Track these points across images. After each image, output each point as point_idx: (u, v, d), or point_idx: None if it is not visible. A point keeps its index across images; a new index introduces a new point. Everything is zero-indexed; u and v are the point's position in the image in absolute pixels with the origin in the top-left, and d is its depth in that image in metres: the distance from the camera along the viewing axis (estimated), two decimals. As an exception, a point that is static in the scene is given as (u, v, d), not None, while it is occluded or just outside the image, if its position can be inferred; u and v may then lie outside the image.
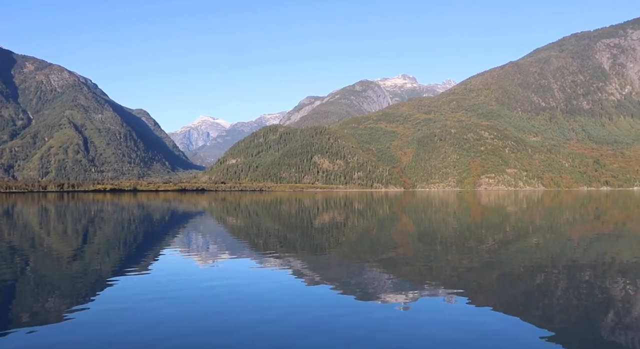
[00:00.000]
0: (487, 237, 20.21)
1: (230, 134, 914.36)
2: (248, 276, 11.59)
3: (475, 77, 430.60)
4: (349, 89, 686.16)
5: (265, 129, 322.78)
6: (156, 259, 14.20)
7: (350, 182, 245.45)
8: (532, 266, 12.55)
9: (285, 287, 10.29)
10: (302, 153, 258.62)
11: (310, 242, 19.01)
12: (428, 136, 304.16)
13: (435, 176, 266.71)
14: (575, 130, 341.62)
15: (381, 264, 13.02)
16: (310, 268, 12.74)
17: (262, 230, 24.87)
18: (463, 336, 6.99)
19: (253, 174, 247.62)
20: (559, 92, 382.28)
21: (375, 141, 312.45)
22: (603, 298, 9.05)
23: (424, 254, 15.14)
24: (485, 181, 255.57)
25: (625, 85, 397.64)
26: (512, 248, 16.47)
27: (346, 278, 11.32)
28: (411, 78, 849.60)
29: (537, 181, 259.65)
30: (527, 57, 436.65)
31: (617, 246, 17.06)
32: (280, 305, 8.71)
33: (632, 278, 10.91)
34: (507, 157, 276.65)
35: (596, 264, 12.92)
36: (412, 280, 10.87)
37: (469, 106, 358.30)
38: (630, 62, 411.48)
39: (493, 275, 11.40)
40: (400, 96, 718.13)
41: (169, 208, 49.33)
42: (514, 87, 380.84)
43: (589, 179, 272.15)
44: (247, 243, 18.55)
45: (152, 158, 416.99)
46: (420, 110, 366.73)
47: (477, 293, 9.56)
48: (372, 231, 24.17)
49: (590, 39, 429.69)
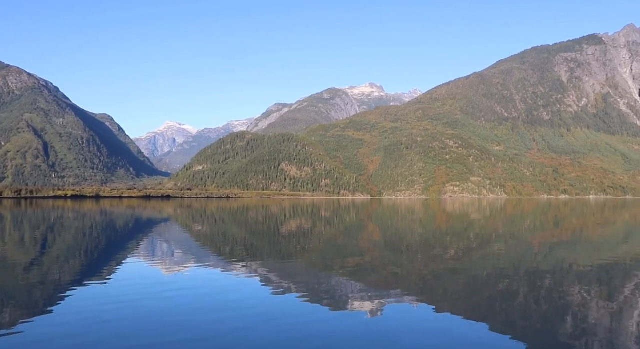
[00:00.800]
0: (452, 244, 20.55)
1: (196, 140, 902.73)
2: (214, 284, 11.43)
3: (440, 86, 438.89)
4: (317, 96, 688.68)
5: (233, 135, 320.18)
6: (119, 267, 13.86)
7: (318, 189, 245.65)
8: (495, 273, 12.83)
9: (251, 295, 10.20)
10: (270, 160, 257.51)
11: (277, 249, 18.91)
12: (395, 144, 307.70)
13: (401, 184, 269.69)
14: (536, 140, 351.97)
15: (348, 271, 13.06)
16: (277, 275, 12.67)
17: (229, 237, 24.60)
18: (429, 342, 7.07)
19: (220, 181, 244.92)
20: (521, 103, 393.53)
21: (342, 148, 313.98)
22: (562, 303, 9.32)
23: (390, 261, 15.27)
24: (450, 189, 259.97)
25: (582, 98, 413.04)
26: (476, 255, 16.79)
27: (313, 285, 11.30)
28: (378, 87, 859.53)
29: (500, 189, 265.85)
30: (490, 69, 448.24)
31: (574, 253, 17.62)
32: (246, 313, 8.62)
33: (588, 283, 11.30)
34: (472, 166, 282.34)
35: (555, 270, 13.31)
36: (379, 287, 10.95)
37: (434, 115, 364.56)
38: (586, 76, 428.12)
39: (458, 281, 11.59)
40: (367, 104, 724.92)
41: (133, 215, 48.26)
42: (478, 98, 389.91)
43: (549, 187, 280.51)
44: (213, 251, 18.30)
45: (115, 164, 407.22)
46: (387, 118, 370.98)
47: (443, 300, 9.70)
48: (339, 238, 24.24)
49: (549, 53, 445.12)
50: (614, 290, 10.59)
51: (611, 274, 12.71)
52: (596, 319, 8.27)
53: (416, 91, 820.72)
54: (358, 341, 7.13)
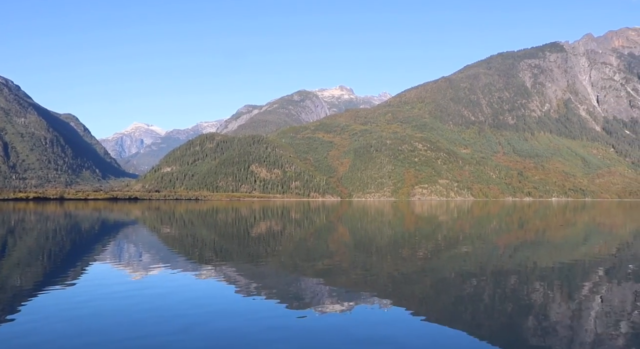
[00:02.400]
0: (421, 245, 20.84)
1: (165, 142, 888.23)
2: (182, 287, 11.30)
3: (410, 90, 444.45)
4: (287, 98, 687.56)
5: (202, 137, 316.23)
6: (84, 271, 13.54)
7: (288, 191, 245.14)
8: (462, 273, 13.09)
9: (220, 297, 10.13)
10: (240, 162, 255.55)
11: (247, 251, 18.81)
12: (364, 146, 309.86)
13: (371, 186, 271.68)
14: (502, 143, 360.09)
15: (317, 273, 13.11)
16: (247, 277, 12.61)
17: (198, 240, 24.32)
18: (397, 343, 7.17)
19: (189, 183, 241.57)
20: (487, 107, 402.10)
21: (312, 150, 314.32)
22: (525, 302, 9.59)
23: (359, 262, 15.39)
24: (418, 191, 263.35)
25: (545, 103, 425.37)
26: (444, 256, 17.08)
27: (283, 287, 11.30)
28: (348, 89, 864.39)
29: (467, 192, 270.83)
30: (458, 73, 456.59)
31: (538, 253, 18.12)
32: (215, 317, 8.57)
33: (551, 283, 11.66)
34: (440, 169, 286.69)
35: (520, 270, 13.67)
36: (348, 288, 11.03)
37: (403, 118, 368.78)
38: (549, 82, 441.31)
39: (426, 282, 11.78)
40: (337, 106, 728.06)
41: (99, 218, 47.17)
42: (446, 101, 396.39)
43: (514, 190, 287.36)
44: (181, 253, 18.06)
45: (81, 165, 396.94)
46: (357, 121, 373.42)
47: (411, 300, 9.85)
48: (309, 240, 24.27)
49: (514, 59, 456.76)
50: (574, 289, 10.96)
51: (572, 274, 13.14)
52: (558, 317, 8.55)
53: (386, 94, 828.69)
54: (327, 342, 7.18)
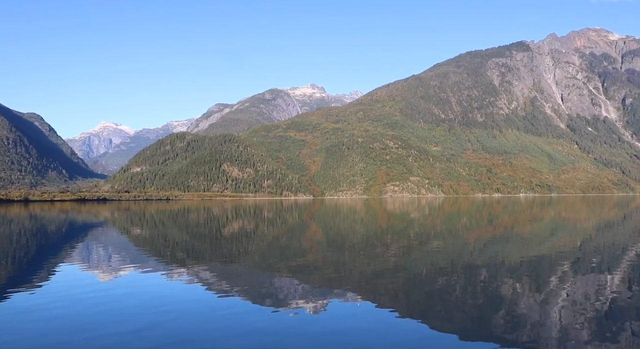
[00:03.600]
0: (393, 242, 21.05)
1: (134, 141, 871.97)
2: (154, 288, 11.15)
3: (381, 88, 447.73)
4: (259, 97, 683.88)
5: (173, 136, 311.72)
6: (51, 274, 13.20)
7: (260, 190, 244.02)
8: (434, 269, 13.29)
9: (193, 297, 10.04)
10: (211, 161, 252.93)
11: (220, 251, 18.68)
12: (336, 144, 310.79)
13: (343, 184, 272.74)
14: (471, 141, 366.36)
15: (291, 271, 13.11)
16: (220, 277, 12.53)
17: (169, 240, 24.00)
18: (371, 339, 7.25)
19: (159, 183, 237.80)
20: (457, 105, 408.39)
21: (284, 149, 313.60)
22: (495, 296, 9.82)
23: (332, 260, 15.46)
24: (390, 189, 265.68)
25: (512, 101, 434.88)
26: (416, 253, 17.29)
27: (256, 286, 11.27)
28: (320, 88, 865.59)
29: (438, 189, 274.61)
30: (428, 72, 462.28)
31: (506, 248, 18.54)
32: (188, 317, 8.49)
33: (519, 277, 11.96)
34: (411, 166, 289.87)
35: (489, 265, 13.96)
36: (322, 286, 11.07)
37: (375, 116, 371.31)
38: (516, 81, 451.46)
39: (399, 279, 11.91)
40: (309, 105, 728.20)
41: (66, 219, 46.05)
42: (416, 100, 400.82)
43: (483, 186, 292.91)
44: (153, 254, 17.80)
45: (46, 166, 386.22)
46: (329, 119, 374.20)
47: (384, 297, 9.95)
48: (282, 239, 24.25)
49: (482, 58, 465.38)
50: (541, 282, 11.26)
51: (539, 267, 13.49)
52: (525, 309, 8.77)
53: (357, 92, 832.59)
54: (300, 339, 7.20)
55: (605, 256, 15.69)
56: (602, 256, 15.50)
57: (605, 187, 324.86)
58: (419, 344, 6.98)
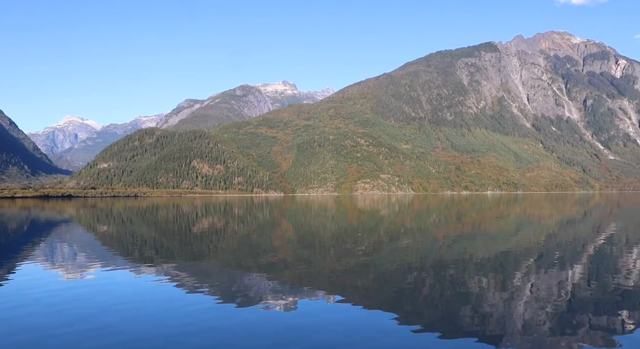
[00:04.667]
0: (363, 239, 21.22)
1: (101, 137, 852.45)
2: (121, 287, 10.96)
3: (352, 86, 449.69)
4: (230, 93, 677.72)
5: (141, 131, 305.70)
6: (11, 273, 12.82)
7: (231, 187, 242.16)
8: (403, 266, 13.47)
9: (161, 295, 9.92)
10: (181, 157, 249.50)
11: (189, 249, 18.48)
12: (307, 142, 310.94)
13: (314, 181, 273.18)
14: (441, 139, 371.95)
15: (261, 269, 13.09)
16: (189, 274, 12.41)
17: (137, 238, 23.60)
18: (341, 336, 7.31)
19: (127, 179, 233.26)
20: (427, 104, 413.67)
21: (255, 146, 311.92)
22: (462, 291, 10.03)
23: (303, 257, 15.50)
24: (361, 186, 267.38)
25: (480, 100, 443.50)
26: (386, 249, 17.48)
27: (226, 284, 11.21)
28: (292, 85, 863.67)
29: (407, 186, 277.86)
30: (399, 70, 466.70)
31: (474, 244, 18.94)
32: (157, 317, 8.39)
33: (486, 272, 12.25)
34: (381, 164, 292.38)
35: (457, 261, 14.23)
36: (292, 283, 11.09)
37: (346, 113, 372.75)
38: (484, 80, 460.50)
39: (369, 275, 12.03)
40: (280, 101, 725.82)
41: (28, 217, 44.72)
42: (387, 98, 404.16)
43: (452, 184, 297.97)
44: (120, 252, 17.46)
45: (7, 161, 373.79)
46: (300, 116, 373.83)
47: (354, 294, 10.04)
48: (252, 236, 24.15)
49: (452, 57, 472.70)
50: (507, 277, 11.57)
51: (505, 263, 13.85)
52: (492, 304, 9.00)
53: (328, 90, 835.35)
54: (270, 336, 7.21)
55: (566, 251, 16.20)
56: (564, 252, 16.00)
57: (568, 185, 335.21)
58: (389, 339, 7.08)
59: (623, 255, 15.23)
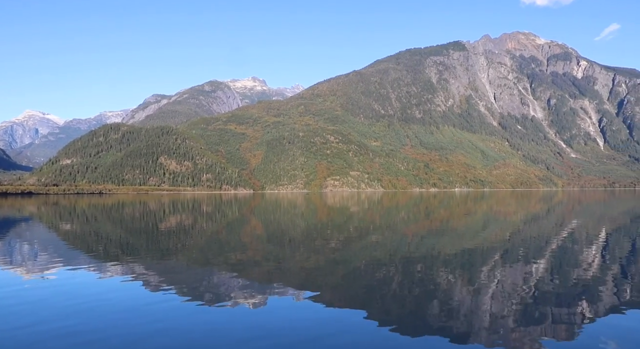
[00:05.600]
0: (333, 236, 21.26)
1: (64, 132, 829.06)
2: (85, 286, 10.65)
3: (322, 83, 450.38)
4: (198, 88, 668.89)
5: (106, 127, 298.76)
6: (-31, 272, 12.31)
7: (199, 184, 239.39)
8: (372, 262, 13.53)
9: (128, 295, 9.69)
10: (147, 154, 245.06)
11: (156, 247, 18.14)
12: (277, 138, 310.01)
13: (283, 178, 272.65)
14: (409, 136, 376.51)
15: (230, 266, 12.95)
16: (156, 273, 12.17)
17: (102, 236, 23.01)
18: (310, 333, 7.28)
19: (91, 176, 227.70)
20: (396, 102, 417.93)
21: (224, 142, 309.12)
22: (431, 287, 10.14)
23: (272, 255, 15.41)
24: (331, 183, 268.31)
25: (449, 98, 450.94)
26: (356, 246, 17.55)
27: (194, 282, 11.04)
28: (261, 81, 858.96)
29: (377, 183, 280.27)
30: (368, 67, 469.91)
31: (442, 241, 19.21)
32: (123, 317, 8.19)
33: (453, 268, 12.43)
34: (351, 161, 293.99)
35: (426, 257, 14.40)
36: (262, 281, 11.01)
37: (316, 110, 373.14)
38: (452, 79, 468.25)
39: (338, 272, 12.04)
40: (250, 98, 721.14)
41: (-13, 214, 43.13)
42: (357, 95, 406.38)
43: (421, 181, 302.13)
44: (84, 251, 16.98)
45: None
46: (270, 113, 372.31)
47: (323, 290, 10.03)
48: (221, 234, 23.89)
49: (421, 55, 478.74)
50: (474, 273, 11.76)
51: (472, 259, 14.08)
52: (459, 299, 9.13)
53: (298, 86, 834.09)
54: (239, 334, 7.12)
55: (530, 247, 16.60)
56: (528, 248, 16.39)
57: (532, 182, 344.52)
58: (358, 336, 7.09)
59: (583, 250, 15.71)
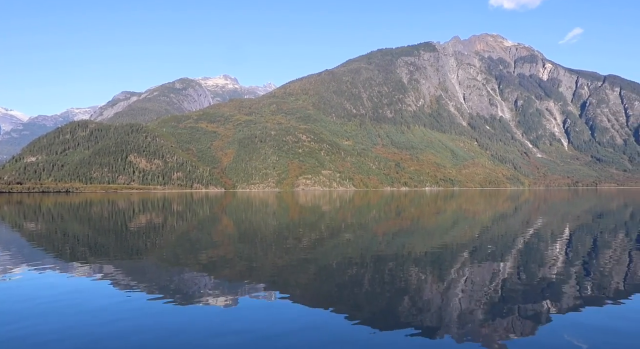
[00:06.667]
0: (305, 235, 21.29)
1: (28, 129, 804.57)
2: (49, 286, 10.41)
3: (294, 82, 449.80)
4: (169, 86, 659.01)
5: (74, 124, 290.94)
6: None
7: (169, 182, 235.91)
8: (344, 261, 13.63)
9: (94, 295, 9.51)
10: (117, 152, 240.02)
11: (125, 246, 17.85)
12: (249, 137, 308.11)
13: (255, 177, 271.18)
14: (381, 136, 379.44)
15: (201, 266, 12.85)
16: (125, 272, 11.98)
17: (69, 235, 22.48)
18: (281, 332, 7.31)
19: (58, 174, 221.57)
20: (368, 101, 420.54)
21: (195, 140, 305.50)
22: (401, 285, 10.29)
23: (244, 254, 15.35)
24: (302, 182, 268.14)
25: (419, 98, 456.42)
26: (327, 245, 17.63)
27: (164, 281, 10.92)
28: (233, 79, 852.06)
29: (349, 182, 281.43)
30: (340, 67, 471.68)
31: (412, 239, 19.47)
32: (91, 317, 8.04)
33: (424, 266, 12.63)
34: (323, 160, 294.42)
35: (397, 256, 14.58)
36: (233, 280, 10.96)
37: (288, 109, 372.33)
38: (423, 79, 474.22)
39: (310, 271, 12.09)
40: (221, 96, 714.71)
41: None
42: (329, 94, 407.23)
43: (392, 180, 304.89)
44: (50, 251, 16.53)
45: None
46: (242, 111, 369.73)
47: (296, 289, 10.06)
48: (192, 233, 23.65)
49: (392, 56, 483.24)
50: (443, 270, 11.98)
51: (442, 257, 14.32)
52: (429, 296, 9.30)
53: (270, 85, 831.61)
54: (210, 333, 7.10)
55: (498, 245, 17.00)
56: (496, 246, 16.78)
57: (500, 181, 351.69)
58: (330, 334, 7.14)
59: (548, 248, 16.18)
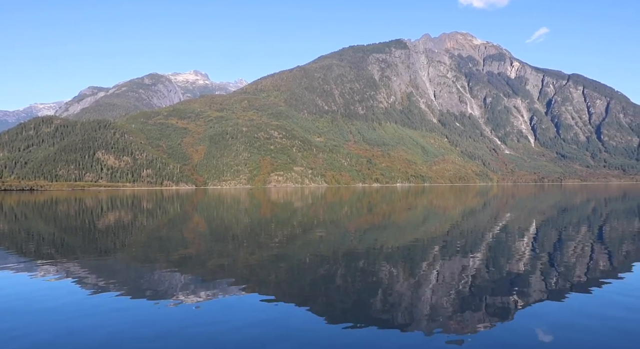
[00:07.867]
0: (277, 232, 21.24)
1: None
2: (10, 286, 10.11)
3: (266, 78, 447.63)
4: (138, 81, 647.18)
5: (38, 120, 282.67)
6: None
7: (139, 180, 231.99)
8: (316, 257, 13.65)
9: (59, 294, 9.28)
10: (83, 148, 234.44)
11: (93, 245, 17.45)
12: (220, 133, 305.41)
13: (227, 174, 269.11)
14: (353, 132, 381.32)
15: (172, 264, 12.67)
16: (93, 272, 11.71)
17: (33, 234, 21.84)
18: (256, 328, 7.27)
19: (21, 172, 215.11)
20: (340, 98, 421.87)
21: (165, 137, 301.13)
22: (373, 281, 10.37)
23: (216, 251, 15.22)
24: (274, 179, 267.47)
25: (391, 95, 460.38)
26: (299, 241, 17.63)
27: (134, 280, 10.73)
28: (203, 75, 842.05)
29: (320, 179, 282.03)
30: (312, 63, 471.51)
31: (384, 235, 19.64)
32: (58, 319, 7.84)
33: (395, 262, 12.76)
34: (295, 156, 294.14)
35: (368, 252, 14.68)
36: (205, 278, 10.85)
37: (259, 105, 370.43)
38: (394, 76, 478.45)
39: (282, 268, 12.07)
40: (192, 92, 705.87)
41: None
42: (301, 90, 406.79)
43: (363, 176, 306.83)
44: (13, 250, 16.03)
45: None
46: (213, 107, 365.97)
47: (268, 286, 10.02)
48: (162, 231, 23.30)
49: (364, 52, 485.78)
50: (414, 265, 12.13)
51: (413, 252, 14.50)
52: (401, 291, 9.40)
53: (242, 81, 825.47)
54: (183, 334, 7.02)
55: (468, 240, 17.31)
56: (466, 240, 17.08)
57: (470, 177, 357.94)
58: (303, 331, 7.15)
59: (515, 242, 16.57)
